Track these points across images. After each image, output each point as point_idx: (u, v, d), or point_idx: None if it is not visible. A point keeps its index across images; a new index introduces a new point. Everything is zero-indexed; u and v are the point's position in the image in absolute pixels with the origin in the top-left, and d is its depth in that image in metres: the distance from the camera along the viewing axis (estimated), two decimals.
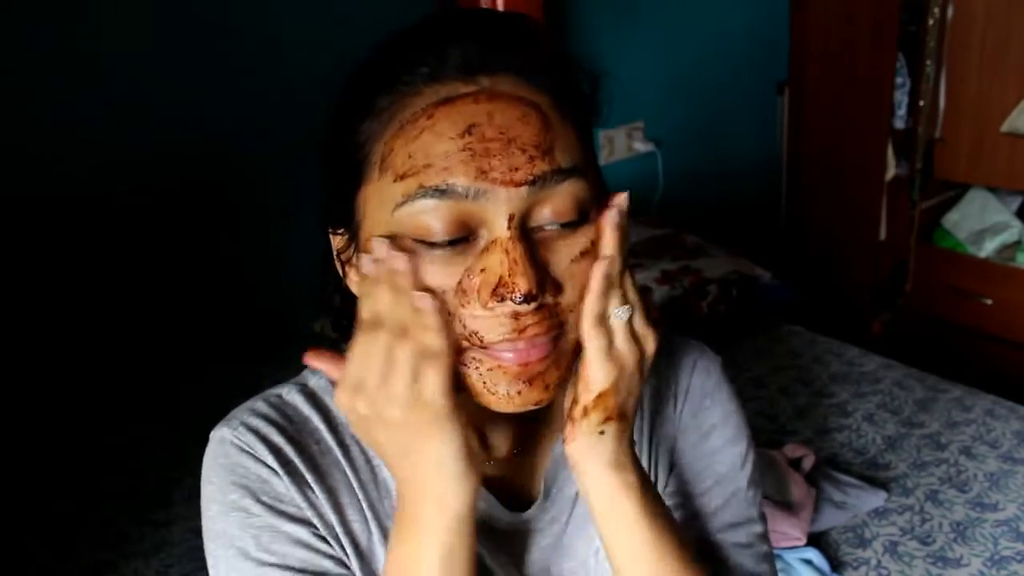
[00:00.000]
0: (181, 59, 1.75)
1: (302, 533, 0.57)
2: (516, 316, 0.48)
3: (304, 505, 0.57)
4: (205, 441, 0.60)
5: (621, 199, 0.52)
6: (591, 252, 0.51)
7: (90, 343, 1.76)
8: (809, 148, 2.79)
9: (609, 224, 0.51)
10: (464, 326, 0.49)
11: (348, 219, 0.55)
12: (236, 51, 1.81)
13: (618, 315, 0.52)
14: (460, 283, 0.49)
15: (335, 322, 0.64)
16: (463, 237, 0.48)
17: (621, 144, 2.44)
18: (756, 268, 2.06)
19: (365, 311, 0.51)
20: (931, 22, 2.32)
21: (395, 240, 0.49)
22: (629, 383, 0.53)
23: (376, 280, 0.50)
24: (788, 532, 1.29)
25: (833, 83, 2.64)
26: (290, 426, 0.60)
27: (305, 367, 0.65)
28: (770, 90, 2.80)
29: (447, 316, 0.49)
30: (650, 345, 0.54)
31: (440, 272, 0.49)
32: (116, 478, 1.58)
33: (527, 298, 0.47)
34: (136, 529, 1.44)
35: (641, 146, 2.46)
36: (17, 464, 1.59)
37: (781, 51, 2.75)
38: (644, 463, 0.67)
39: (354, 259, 0.56)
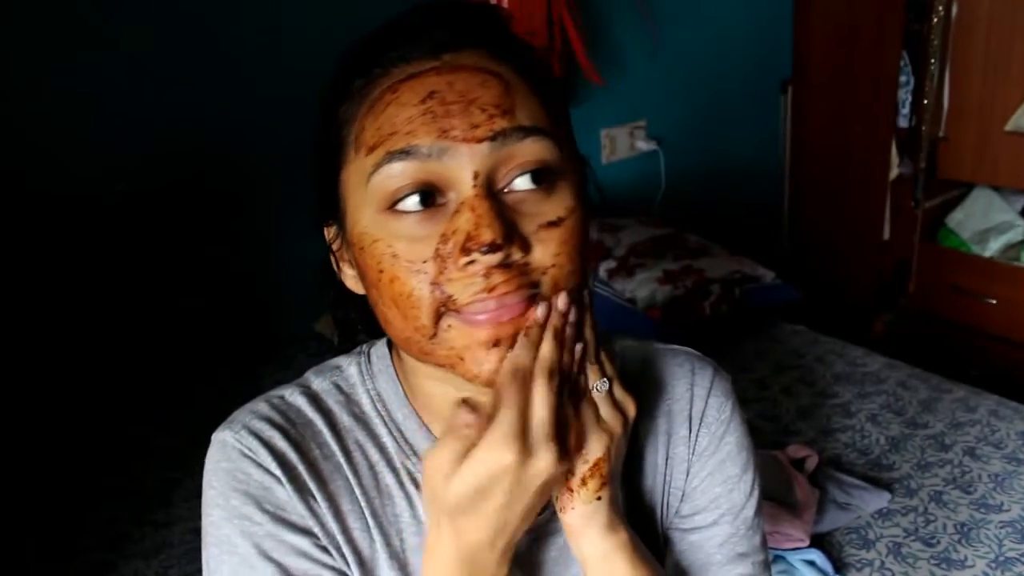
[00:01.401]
0: (181, 59, 1.75)
1: (304, 543, 0.57)
2: (487, 274, 0.49)
3: (306, 514, 0.57)
4: (206, 442, 0.60)
5: (560, 302, 0.52)
6: (563, 224, 0.51)
7: (89, 343, 1.76)
8: (812, 147, 2.79)
9: (588, 320, 0.54)
10: (442, 291, 0.50)
11: (336, 209, 0.56)
12: (236, 51, 1.80)
13: (599, 388, 0.55)
14: (436, 251, 0.50)
15: (341, 329, 0.65)
16: (432, 201, 0.50)
17: (623, 143, 2.44)
18: (759, 268, 2.05)
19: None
20: (935, 20, 2.31)
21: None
22: (618, 447, 0.56)
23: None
24: (791, 533, 1.28)
25: (836, 82, 2.63)
26: (293, 429, 0.60)
27: (309, 364, 0.66)
28: (773, 89, 2.80)
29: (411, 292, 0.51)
30: (631, 410, 0.57)
31: (417, 242, 0.50)
32: (116, 478, 1.58)
33: (492, 247, 0.47)
34: (136, 529, 1.44)
35: (643, 145, 2.45)
36: (17, 464, 1.59)
37: (784, 49, 2.74)
38: (659, 483, 0.67)
39: (344, 249, 0.57)
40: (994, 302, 2.41)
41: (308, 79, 1.34)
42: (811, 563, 1.25)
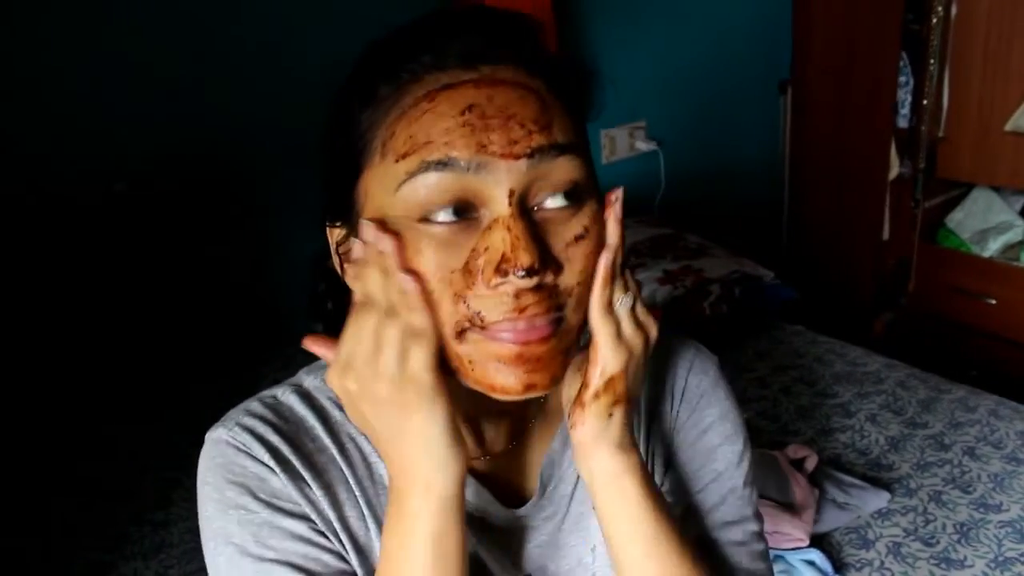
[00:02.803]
0: (181, 59, 1.75)
1: (301, 528, 0.57)
2: (517, 295, 0.49)
3: (301, 501, 0.58)
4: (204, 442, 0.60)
5: (620, 193, 0.54)
6: (587, 236, 0.52)
7: (88, 343, 1.76)
8: (811, 147, 2.79)
9: (613, 216, 0.53)
10: (468, 307, 0.49)
11: (347, 211, 0.55)
12: (237, 51, 1.80)
13: (623, 303, 0.54)
14: (466, 264, 0.49)
15: (327, 328, 0.64)
16: (465, 215, 0.49)
17: (623, 143, 2.44)
18: (758, 268, 2.05)
19: (357, 293, 0.52)
20: (934, 21, 2.31)
21: (384, 223, 0.50)
22: (636, 367, 0.56)
23: (366, 262, 0.51)
24: (791, 533, 1.28)
25: (835, 82, 2.63)
26: (285, 425, 0.60)
27: (299, 368, 0.66)
28: (772, 89, 2.80)
29: (433, 297, 0.50)
30: (652, 330, 0.57)
31: (444, 253, 0.49)
32: (116, 478, 1.58)
33: (529, 272, 0.47)
34: (136, 529, 1.44)
35: (643, 145, 2.45)
36: (16, 464, 1.59)
37: (783, 50, 2.74)
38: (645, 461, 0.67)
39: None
40: (993, 302, 2.41)
41: (309, 79, 1.34)
42: (811, 563, 1.25)
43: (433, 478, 0.52)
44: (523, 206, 0.49)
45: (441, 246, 0.49)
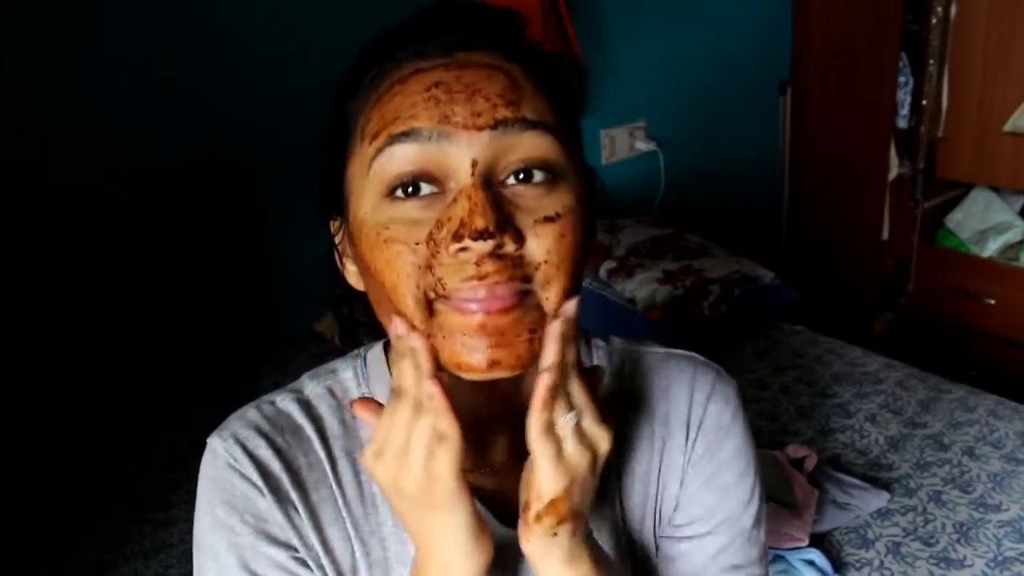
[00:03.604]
0: (181, 59, 1.75)
1: (282, 557, 0.59)
2: (478, 263, 0.48)
3: (286, 526, 0.59)
4: (204, 442, 0.61)
5: (569, 307, 0.50)
6: (558, 221, 0.50)
7: (89, 344, 1.76)
8: (811, 147, 2.79)
9: (551, 335, 0.49)
10: (432, 274, 0.49)
11: (341, 202, 0.56)
12: (238, 51, 1.80)
13: (566, 423, 0.51)
14: (430, 235, 0.49)
15: (343, 327, 0.65)
16: (431, 189, 0.50)
17: (623, 143, 2.44)
18: (758, 268, 2.05)
19: (395, 380, 0.52)
20: (934, 21, 2.31)
21: (407, 321, 0.50)
22: (582, 486, 0.53)
23: (400, 354, 0.51)
24: (790, 533, 1.28)
25: (835, 82, 2.63)
26: (280, 438, 0.61)
27: (310, 365, 0.66)
28: (772, 89, 2.80)
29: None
30: (603, 445, 0.53)
31: (412, 226, 0.50)
32: (116, 478, 1.58)
33: (483, 234, 0.47)
34: (136, 529, 1.44)
35: (643, 145, 2.45)
36: (17, 464, 1.59)
37: (783, 50, 2.74)
38: (652, 492, 0.66)
39: (346, 245, 0.58)
40: (993, 302, 2.41)
41: (309, 79, 1.34)
42: (810, 563, 1.25)
43: (455, 567, 0.53)
44: (487, 178, 0.49)
45: (409, 221, 0.50)
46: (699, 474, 0.66)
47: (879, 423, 1.61)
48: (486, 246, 0.47)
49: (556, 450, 0.51)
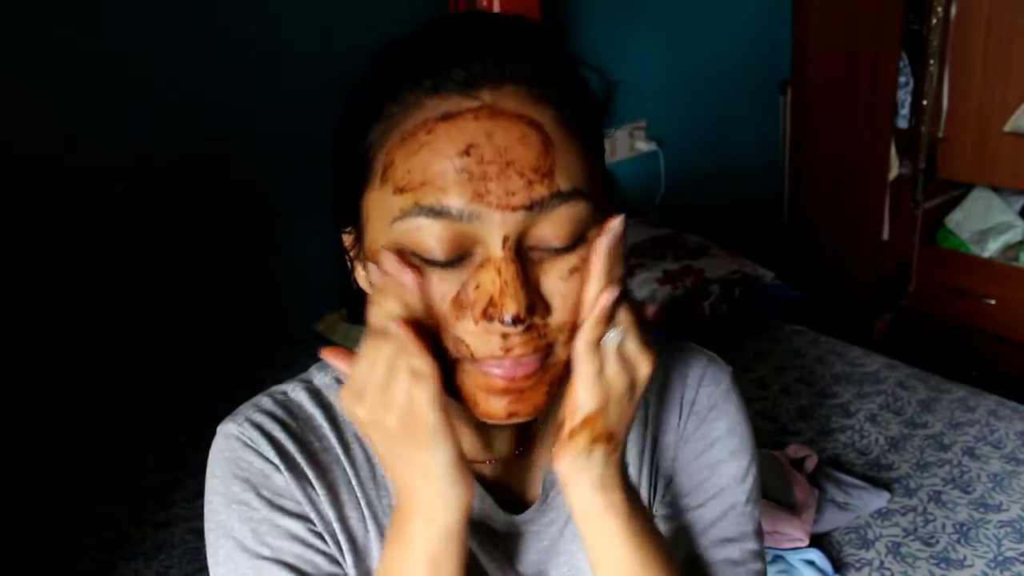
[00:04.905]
0: (182, 58, 1.75)
1: (298, 528, 0.58)
2: (505, 336, 0.49)
3: (303, 500, 0.59)
4: (206, 442, 0.61)
5: (615, 224, 0.51)
6: (581, 269, 0.50)
7: (90, 344, 1.76)
8: (811, 148, 2.79)
9: (598, 253, 0.50)
10: (458, 338, 0.50)
11: (355, 219, 0.55)
12: (238, 50, 1.80)
13: (610, 339, 0.52)
14: (457, 295, 0.49)
15: (351, 312, 0.65)
16: (459, 256, 0.49)
17: (623, 143, 2.44)
18: (758, 268, 2.06)
19: (373, 318, 0.51)
20: (934, 21, 2.31)
21: (403, 254, 0.49)
22: (619, 407, 0.53)
23: (384, 291, 0.50)
24: (790, 533, 1.28)
25: (836, 82, 2.63)
26: (293, 423, 0.61)
27: (310, 365, 0.66)
28: (772, 89, 2.80)
29: (437, 332, 0.50)
30: (643, 369, 0.54)
31: (436, 286, 0.49)
32: (116, 478, 1.58)
33: (515, 321, 0.47)
34: (136, 529, 1.44)
35: (643, 145, 2.45)
36: (17, 465, 1.59)
37: (783, 50, 2.74)
38: (645, 472, 0.67)
39: (361, 258, 0.56)
40: (993, 302, 2.41)
41: (309, 82, 1.34)
42: (810, 563, 1.25)
43: (436, 508, 0.52)
44: (518, 249, 0.48)
45: (434, 280, 0.49)
46: (690, 451, 0.67)
47: (879, 423, 1.61)
48: (515, 329, 0.48)
49: (598, 367, 0.52)
